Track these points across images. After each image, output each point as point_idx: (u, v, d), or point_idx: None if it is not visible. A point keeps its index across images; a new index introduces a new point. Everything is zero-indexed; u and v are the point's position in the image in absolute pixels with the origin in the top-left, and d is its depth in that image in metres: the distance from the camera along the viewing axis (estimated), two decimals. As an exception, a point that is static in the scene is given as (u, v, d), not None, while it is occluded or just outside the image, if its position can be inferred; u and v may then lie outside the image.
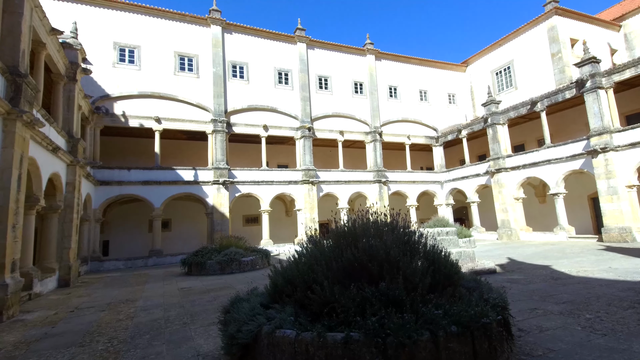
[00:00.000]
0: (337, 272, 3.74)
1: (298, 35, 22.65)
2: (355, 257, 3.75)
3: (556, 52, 22.28)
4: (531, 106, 20.17)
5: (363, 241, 3.92)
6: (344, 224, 4.43)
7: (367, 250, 3.78)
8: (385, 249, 3.74)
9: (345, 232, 4.22)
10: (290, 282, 3.84)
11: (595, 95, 16.31)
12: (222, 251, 13.84)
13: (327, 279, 3.59)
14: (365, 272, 3.75)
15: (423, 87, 27.37)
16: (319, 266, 3.76)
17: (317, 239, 4.76)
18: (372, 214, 4.83)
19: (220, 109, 20.05)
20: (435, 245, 4.26)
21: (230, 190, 20.01)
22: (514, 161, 21.24)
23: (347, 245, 4.00)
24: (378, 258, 3.69)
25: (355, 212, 5.19)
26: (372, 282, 3.62)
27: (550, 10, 22.19)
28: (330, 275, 3.66)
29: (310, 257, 3.99)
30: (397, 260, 3.71)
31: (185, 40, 20.06)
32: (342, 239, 4.14)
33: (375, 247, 3.76)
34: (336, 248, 4.06)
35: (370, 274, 3.71)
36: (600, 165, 16.13)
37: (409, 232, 4.41)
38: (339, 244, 4.09)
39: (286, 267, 4.18)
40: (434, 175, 26.61)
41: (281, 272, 4.08)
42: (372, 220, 4.47)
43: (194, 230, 22.59)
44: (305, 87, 22.64)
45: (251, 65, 21.50)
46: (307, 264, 3.90)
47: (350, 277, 3.73)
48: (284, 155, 25.33)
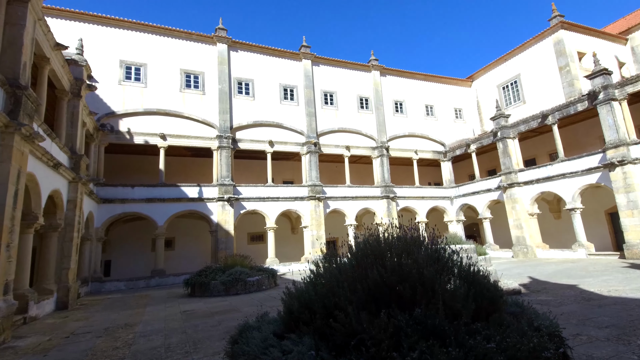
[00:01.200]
0: (362, 295, 3.23)
1: (303, 52, 22.72)
2: (382, 277, 3.24)
3: (564, 65, 22.07)
4: (542, 119, 19.78)
5: (390, 259, 3.41)
6: (365, 240, 3.93)
7: (397, 269, 3.28)
8: (418, 268, 3.23)
9: (368, 248, 3.71)
10: (308, 308, 3.32)
11: (609, 107, 15.90)
12: (226, 271, 13.27)
13: (351, 304, 3.07)
14: (395, 296, 3.23)
15: (429, 102, 27.19)
16: (341, 289, 3.25)
17: (335, 256, 4.26)
18: (390, 229, 4.35)
19: (225, 125, 19.88)
20: (470, 264, 3.74)
21: (235, 207, 19.56)
22: (527, 175, 20.66)
23: (371, 263, 3.50)
24: (410, 279, 3.18)
25: (368, 227, 4.67)
26: (404, 308, 3.10)
27: (556, 24, 22.13)
28: (355, 300, 3.15)
29: (330, 277, 3.48)
30: (432, 281, 3.19)
31: (191, 58, 20.14)
32: (365, 256, 3.64)
33: (407, 266, 3.25)
34: (358, 267, 3.56)
35: (401, 297, 3.19)
36: (618, 178, 15.54)
37: (438, 248, 3.90)
38: (361, 262, 3.58)
39: (301, 289, 3.66)
40: (443, 191, 26.03)
41: (296, 296, 3.56)
42: (395, 236, 3.96)
43: (197, 249, 22.01)
44: (311, 102, 22.52)
45: (257, 81, 21.48)
46: (326, 285, 3.39)
47: (377, 302, 3.22)
48: (289, 172, 24.97)
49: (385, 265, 3.30)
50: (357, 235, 4.43)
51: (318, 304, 3.24)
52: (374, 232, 4.28)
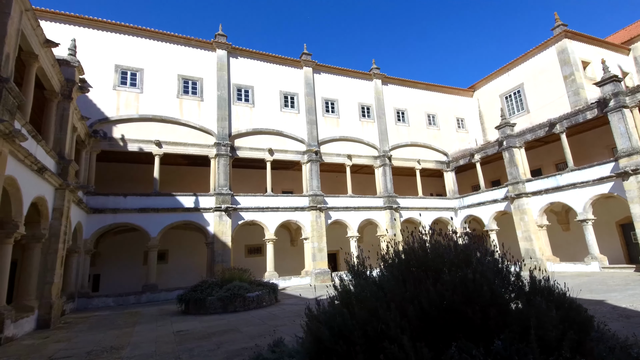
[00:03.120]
0: (415, 320, 2.45)
1: (304, 60, 22.28)
2: (442, 297, 2.46)
3: (569, 74, 21.80)
4: (549, 128, 19.31)
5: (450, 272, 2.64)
6: (409, 247, 3.16)
7: (459, 286, 2.50)
8: (489, 284, 2.46)
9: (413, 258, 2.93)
10: (343, 337, 2.53)
11: (620, 114, 15.45)
12: (224, 285, 12.33)
13: (405, 332, 2.29)
14: (458, 321, 2.45)
15: (431, 112, 26.78)
16: (387, 311, 2.46)
17: (363, 268, 3.47)
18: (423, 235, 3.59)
19: (224, 133, 19.17)
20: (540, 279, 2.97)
21: (233, 218, 18.67)
22: (535, 186, 20.05)
23: (420, 278, 2.73)
24: (480, 299, 2.40)
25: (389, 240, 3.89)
26: (474, 338, 2.32)
27: (560, 33, 21.96)
28: (409, 327, 2.36)
29: (369, 296, 2.69)
30: (507, 302, 2.42)
31: (190, 64, 19.58)
32: (409, 268, 2.86)
33: (473, 282, 2.48)
34: (403, 283, 2.78)
35: (467, 323, 2.41)
36: (633, 188, 14.95)
37: (495, 259, 3.14)
38: (407, 276, 2.80)
39: (330, 312, 2.87)
40: (447, 202, 25.34)
41: (325, 320, 2.76)
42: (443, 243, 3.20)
43: (192, 262, 20.96)
44: (312, 110, 21.95)
45: (256, 88, 20.91)
46: (366, 307, 2.60)
47: (434, 329, 2.44)
48: (288, 181, 24.19)
49: (443, 281, 2.52)
50: (389, 245, 3.68)
51: (358, 332, 2.45)
52: (408, 239, 3.52)
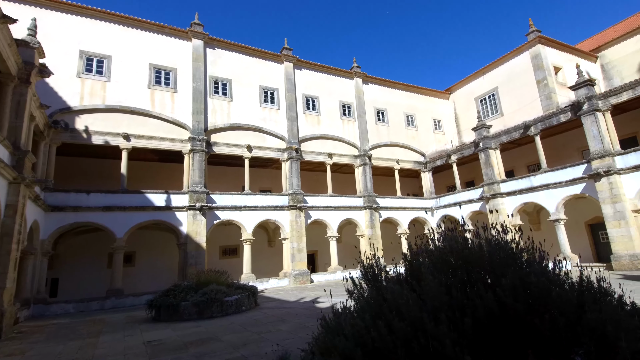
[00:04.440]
0: (470, 333, 1.98)
1: (285, 55, 21.63)
2: (502, 304, 2.01)
3: (542, 79, 22.54)
4: (524, 130, 19.82)
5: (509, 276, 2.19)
6: (449, 244, 2.69)
7: (521, 292, 2.06)
8: (557, 289, 2.03)
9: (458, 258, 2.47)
10: (381, 356, 2.01)
11: (593, 117, 16.02)
12: (199, 289, 11.44)
13: (463, 350, 1.82)
14: (519, 333, 2.01)
15: (410, 113, 26.93)
16: (436, 324, 1.98)
17: (377, 268, 2.99)
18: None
19: (199, 127, 18.15)
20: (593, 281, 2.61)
21: (208, 217, 17.69)
22: (509, 186, 20.53)
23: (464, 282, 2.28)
24: (549, 307, 1.98)
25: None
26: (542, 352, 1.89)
27: (534, 39, 22.68)
28: (465, 343, 1.89)
29: (405, 304, 2.20)
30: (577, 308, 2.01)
31: (163, 53, 18.40)
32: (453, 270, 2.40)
33: (539, 285, 2.05)
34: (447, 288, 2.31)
35: (531, 334, 1.98)
36: (604, 189, 15.52)
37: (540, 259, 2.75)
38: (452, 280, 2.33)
39: (358, 324, 2.34)
40: (424, 202, 25.53)
41: (353, 335, 2.24)
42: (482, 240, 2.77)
43: (162, 264, 19.75)
44: (293, 107, 21.33)
45: (235, 82, 20.02)
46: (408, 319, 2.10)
47: (492, 343, 1.99)
48: (266, 180, 23.44)
49: (503, 286, 2.08)
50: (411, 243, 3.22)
51: (401, 351, 1.95)
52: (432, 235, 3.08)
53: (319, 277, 19.95)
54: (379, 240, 22.10)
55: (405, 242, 23.89)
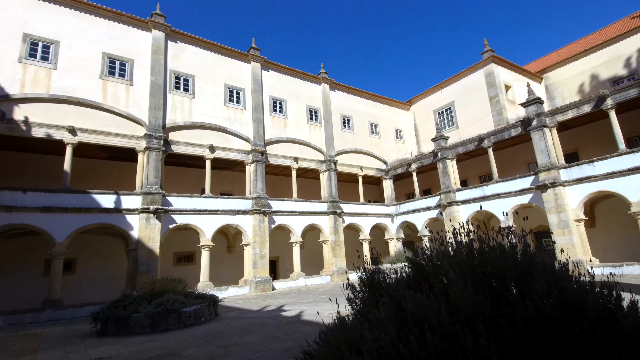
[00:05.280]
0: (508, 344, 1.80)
1: (252, 54, 21.05)
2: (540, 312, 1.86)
3: (494, 95, 24.16)
4: (479, 142, 20.99)
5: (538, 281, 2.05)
6: (473, 246, 2.52)
7: (556, 299, 1.93)
8: (594, 295, 1.93)
9: (486, 262, 2.30)
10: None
11: (541, 133, 17.35)
12: (153, 299, 10.48)
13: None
14: (556, 340, 1.87)
15: (374, 121, 27.51)
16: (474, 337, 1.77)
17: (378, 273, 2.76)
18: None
19: (157, 123, 16.95)
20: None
21: (163, 221, 16.48)
22: (464, 195, 21.57)
23: (490, 287, 2.11)
24: (585, 314, 1.86)
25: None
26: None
27: (488, 58, 24.28)
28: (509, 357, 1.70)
29: (445, 316, 1.97)
30: (612, 315, 1.92)
31: (119, 42, 17.01)
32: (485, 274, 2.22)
33: (576, 292, 1.93)
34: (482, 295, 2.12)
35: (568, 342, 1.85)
36: (550, 199, 16.80)
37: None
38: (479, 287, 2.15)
39: (382, 338, 2.06)
40: (385, 209, 26.06)
41: (373, 350, 1.96)
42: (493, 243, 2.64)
43: (107, 272, 18.06)
44: (259, 108, 20.75)
45: (198, 78, 19.05)
46: (440, 330, 1.87)
47: (527, 353, 1.83)
48: (228, 183, 22.51)
49: (537, 292, 1.93)
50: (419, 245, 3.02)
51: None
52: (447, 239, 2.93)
53: (281, 285, 19.41)
54: (342, 246, 22.10)
55: (367, 247, 24.16)
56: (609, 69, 22.76)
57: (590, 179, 15.76)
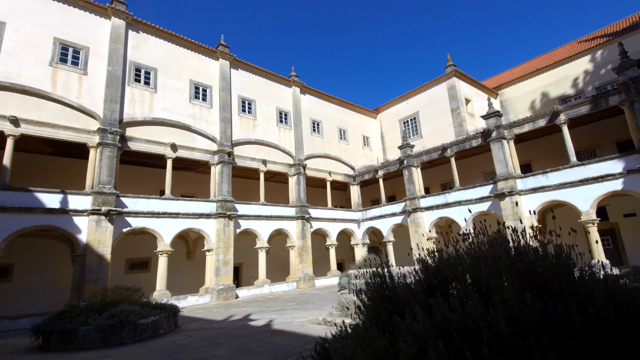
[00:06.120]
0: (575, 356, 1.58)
1: (221, 51, 20.22)
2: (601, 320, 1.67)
3: (455, 108, 25.29)
4: (442, 151, 21.76)
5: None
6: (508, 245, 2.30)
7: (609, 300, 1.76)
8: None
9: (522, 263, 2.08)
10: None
11: (500, 144, 18.33)
12: (105, 310, 9.43)
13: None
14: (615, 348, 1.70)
15: (342, 127, 27.64)
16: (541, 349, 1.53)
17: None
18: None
19: (112, 117, 15.59)
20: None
21: (116, 224, 15.10)
22: (428, 202, 22.20)
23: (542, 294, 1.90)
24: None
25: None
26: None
27: (451, 72, 25.43)
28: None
29: (505, 328, 1.71)
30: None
31: (74, 28, 15.49)
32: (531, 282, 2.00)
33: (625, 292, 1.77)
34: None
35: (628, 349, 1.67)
36: (507, 207, 17.71)
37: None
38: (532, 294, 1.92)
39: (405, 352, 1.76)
40: (352, 214, 26.14)
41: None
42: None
43: (49, 281, 16.26)
44: (227, 107, 19.91)
45: (161, 72, 17.88)
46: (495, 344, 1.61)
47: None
48: (190, 184, 21.33)
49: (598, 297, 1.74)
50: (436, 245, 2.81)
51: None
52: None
53: (245, 292, 18.58)
54: (309, 251, 21.73)
55: (334, 253, 24.02)
56: (558, 88, 24.77)
57: (544, 189, 16.83)
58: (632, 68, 13.95)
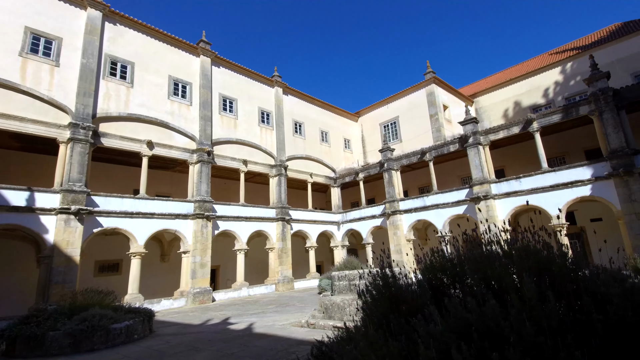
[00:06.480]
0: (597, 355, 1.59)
1: (202, 48, 19.73)
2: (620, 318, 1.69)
3: (434, 114, 25.92)
4: (421, 155, 22.19)
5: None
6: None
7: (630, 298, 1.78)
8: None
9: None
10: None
11: (476, 150, 18.90)
12: (75, 314, 8.91)
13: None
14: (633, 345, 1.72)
15: (324, 129, 27.67)
16: (566, 349, 1.53)
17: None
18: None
19: (85, 112, 14.84)
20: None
21: (87, 224, 14.36)
22: (407, 204, 22.54)
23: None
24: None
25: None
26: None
27: (430, 79, 26.07)
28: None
29: (525, 325, 1.68)
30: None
31: (46, 17, 14.66)
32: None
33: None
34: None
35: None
36: (483, 210, 18.25)
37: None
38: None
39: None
40: (332, 216, 26.16)
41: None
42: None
43: (10, 283, 15.25)
44: (207, 105, 19.43)
45: (139, 66, 17.22)
46: (518, 344, 1.59)
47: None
48: (166, 184, 20.64)
49: (615, 295, 1.76)
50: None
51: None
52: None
53: (222, 295, 18.12)
54: (289, 253, 21.52)
55: (313, 255, 23.91)
56: (530, 97, 25.93)
57: (517, 194, 17.49)
58: (602, 80, 14.79)
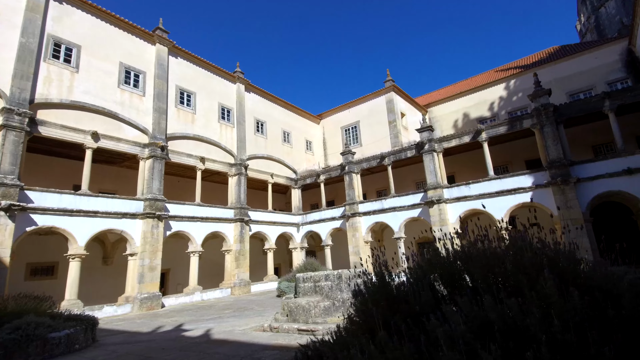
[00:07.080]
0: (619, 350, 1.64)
1: (159, 36, 18.51)
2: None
3: (392, 120, 26.86)
4: (380, 160, 22.84)
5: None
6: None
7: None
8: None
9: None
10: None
11: (431, 156, 19.88)
12: (6, 323, 7.80)
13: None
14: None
15: (287, 129, 27.39)
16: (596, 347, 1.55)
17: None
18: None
19: (21, 96, 13.17)
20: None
21: (19, 222, 12.74)
22: (366, 207, 23.04)
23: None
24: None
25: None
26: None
27: (389, 86, 27.01)
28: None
29: (553, 323, 1.68)
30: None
31: (-29, -17, 12.80)
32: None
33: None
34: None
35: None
36: (435, 214, 19.22)
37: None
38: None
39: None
40: (292, 217, 25.91)
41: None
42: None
43: None
44: (163, 97, 18.23)
45: (85, 50, 15.68)
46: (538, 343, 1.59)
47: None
48: (111, 180, 19.02)
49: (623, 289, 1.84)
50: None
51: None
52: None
53: (173, 301, 17.04)
54: (247, 256, 20.87)
55: (271, 257, 23.45)
56: (477, 110, 27.89)
57: (466, 198, 18.65)
58: (544, 96, 16.36)
